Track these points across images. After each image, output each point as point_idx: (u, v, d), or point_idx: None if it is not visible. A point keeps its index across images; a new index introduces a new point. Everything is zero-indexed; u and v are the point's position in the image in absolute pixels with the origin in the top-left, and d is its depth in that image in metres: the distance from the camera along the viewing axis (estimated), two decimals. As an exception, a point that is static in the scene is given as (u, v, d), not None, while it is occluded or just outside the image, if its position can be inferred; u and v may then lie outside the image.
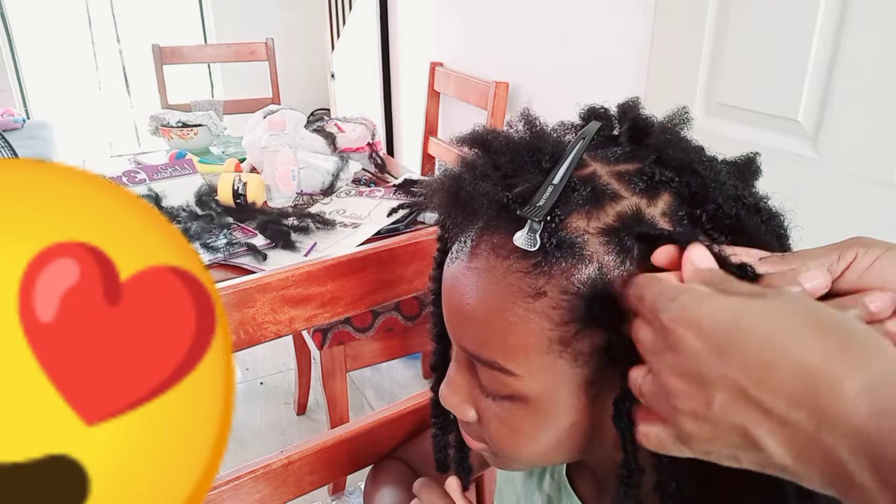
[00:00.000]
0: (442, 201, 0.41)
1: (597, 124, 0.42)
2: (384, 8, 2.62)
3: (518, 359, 0.39)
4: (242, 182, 1.38)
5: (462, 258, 0.41)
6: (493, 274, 0.39)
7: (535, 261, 0.37)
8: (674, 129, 0.41)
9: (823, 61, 1.03)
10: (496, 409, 0.42)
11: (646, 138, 0.41)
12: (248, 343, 0.64)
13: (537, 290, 0.37)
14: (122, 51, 4.13)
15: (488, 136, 0.42)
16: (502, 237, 0.38)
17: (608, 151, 0.40)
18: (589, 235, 0.36)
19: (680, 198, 0.38)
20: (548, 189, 0.37)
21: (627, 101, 0.43)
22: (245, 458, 0.68)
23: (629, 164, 0.39)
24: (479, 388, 0.43)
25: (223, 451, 0.36)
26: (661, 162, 0.39)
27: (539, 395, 0.39)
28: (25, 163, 0.34)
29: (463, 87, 2.07)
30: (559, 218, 0.37)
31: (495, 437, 0.44)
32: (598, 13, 1.57)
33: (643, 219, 0.37)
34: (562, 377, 0.39)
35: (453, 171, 0.41)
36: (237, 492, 0.66)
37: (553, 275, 0.37)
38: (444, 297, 0.43)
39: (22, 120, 2.98)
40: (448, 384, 0.45)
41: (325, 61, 3.48)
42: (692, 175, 0.38)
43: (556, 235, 0.36)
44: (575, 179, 0.38)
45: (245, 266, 1.17)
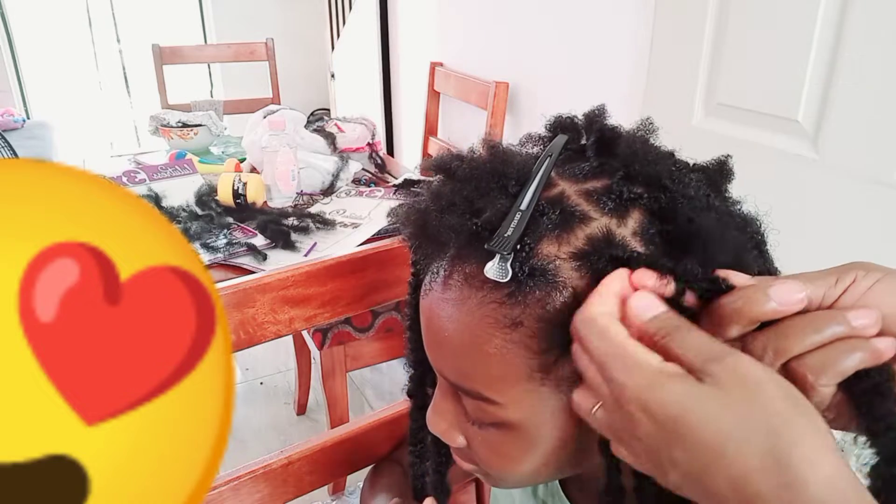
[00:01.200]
0: (410, 234, 0.41)
1: (563, 139, 0.41)
2: (384, 8, 2.62)
3: (500, 388, 0.38)
4: (242, 182, 1.38)
5: (436, 289, 0.40)
6: (467, 305, 0.38)
7: (509, 290, 0.36)
8: (641, 139, 0.41)
9: (823, 61, 1.03)
10: (483, 434, 0.42)
11: (613, 150, 0.40)
12: (248, 343, 0.64)
13: (513, 320, 0.37)
14: (122, 51, 4.13)
15: (452, 163, 0.41)
16: (474, 267, 0.38)
17: (575, 168, 0.40)
18: (560, 261, 0.36)
19: (650, 214, 0.37)
20: (515, 216, 0.36)
21: (593, 110, 0.43)
22: (245, 458, 0.68)
23: (597, 180, 0.39)
24: (464, 414, 0.43)
25: (223, 451, 0.36)
26: (629, 177, 0.38)
27: (523, 422, 0.39)
28: (25, 163, 0.34)
29: (463, 87, 2.07)
30: (529, 246, 0.36)
31: (484, 461, 0.44)
32: (598, 13, 1.57)
33: (613, 241, 0.36)
34: (545, 403, 0.38)
35: (419, 202, 0.41)
36: (237, 492, 0.66)
37: (528, 303, 0.36)
38: (424, 329, 0.43)
39: (22, 120, 2.98)
40: (434, 411, 0.45)
41: (325, 61, 3.48)
42: (661, 190, 0.37)
43: (527, 264, 0.36)
44: (543, 202, 0.37)
45: (245, 266, 1.17)
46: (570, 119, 0.43)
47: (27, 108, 3.63)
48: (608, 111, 0.42)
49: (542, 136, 0.43)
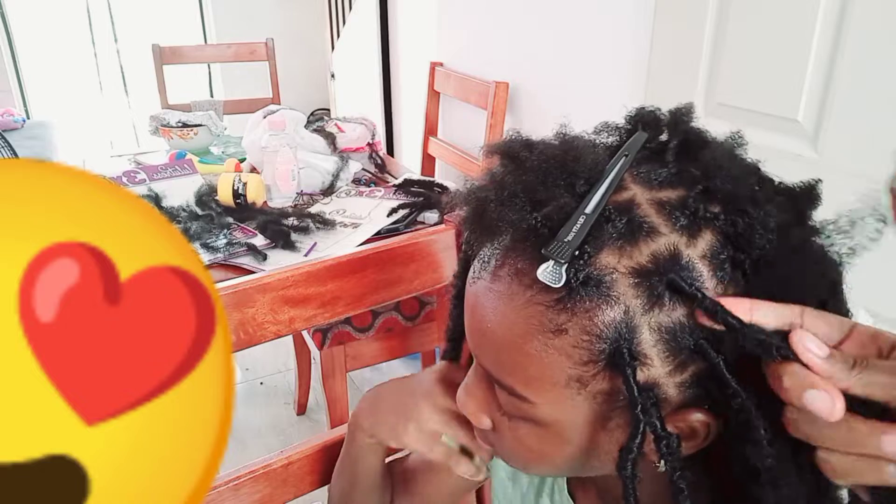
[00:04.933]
0: (466, 217, 0.39)
1: (642, 137, 0.39)
2: (384, 8, 2.62)
3: (536, 389, 0.38)
4: (242, 182, 1.38)
5: (485, 277, 0.39)
6: (514, 301, 0.37)
7: (559, 296, 0.35)
8: (728, 151, 0.38)
9: (823, 61, 1.03)
10: (510, 425, 0.42)
11: (696, 157, 0.37)
12: (248, 343, 0.64)
13: (558, 326, 0.35)
14: (122, 51, 4.13)
15: (520, 150, 0.39)
16: (526, 264, 0.36)
17: (651, 172, 0.37)
18: (618, 274, 0.34)
19: (724, 237, 0.35)
20: (579, 220, 0.34)
21: (681, 108, 0.40)
22: (245, 458, 0.68)
23: (673, 190, 0.36)
24: (495, 403, 0.43)
25: (223, 451, 0.36)
26: (708, 193, 0.36)
27: (554, 424, 0.39)
28: (25, 163, 0.34)
29: (463, 87, 2.07)
30: (588, 254, 0.34)
31: (507, 450, 0.43)
32: (598, 13, 1.57)
33: (680, 261, 0.34)
34: (579, 410, 0.38)
35: (480, 187, 0.39)
36: (237, 492, 0.66)
37: (576, 312, 0.35)
38: (467, 314, 0.42)
39: (22, 120, 2.98)
40: (466, 391, 0.45)
41: (325, 61, 3.48)
42: (739, 214, 0.35)
43: (583, 271, 0.34)
44: (610, 207, 0.35)
45: (245, 266, 1.17)
46: (653, 114, 0.40)
47: (27, 108, 3.62)
48: (694, 110, 0.40)
49: (620, 126, 0.41)
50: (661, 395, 0.35)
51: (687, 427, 0.36)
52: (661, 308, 0.34)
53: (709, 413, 0.36)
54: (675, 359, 0.35)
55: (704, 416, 0.36)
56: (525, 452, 0.42)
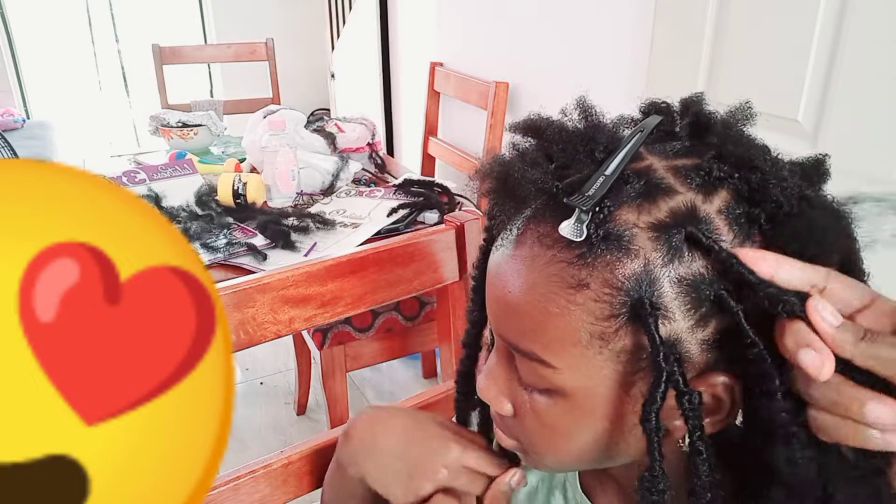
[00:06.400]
0: (490, 187, 0.41)
1: (657, 118, 0.41)
2: (384, 8, 2.62)
3: (557, 351, 0.38)
4: (242, 182, 1.38)
5: (507, 247, 0.40)
6: (536, 263, 0.38)
7: (580, 252, 0.36)
8: (736, 125, 0.40)
9: (823, 61, 1.03)
10: (533, 403, 0.41)
11: (707, 134, 0.39)
12: (248, 343, 0.64)
13: (579, 281, 0.36)
14: (122, 51, 4.13)
15: (542, 123, 0.41)
16: (548, 227, 0.37)
17: (666, 146, 0.39)
18: (638, 229, 0.35)
19: (738, 195, 0.37)
20: (599, 179, 0.36)
21: (691, 97, 0.42)
22: (245, 458, 0.68)
23: (687, 159, 0.38)
24: (517, 380, 0.42)
25: (223, 451, 0.36)
26: (721, 158, 0.37)
27: (577, 391, 0.39)
28: (25, 163, 0.34)
29: (463, 87, 2.07)
30: (608, 209, 0.35)
31: (530, 433, 0.43)
32: (598, 13, 1.57)
33: (697, 215, 0.35)
34: (601, 373, 0.38)
35: (504, 157, 0.41)
36: (237, 492, 0.66)
37: (597, 267, 0.36)
38: (488, 285, 0.43)
39: (22, 120, 2.98)
40: (487, 375, 0.45)
41: (325, 61, 3.48)
42: (752, 171, 0.36)
43: (603, 227, 0.35)
44: (629, 171, 0.37)
45: (245, 266, 1.17)
46: (665, 103, 0.42)
47: (27, 108, 3.62)
48: (705, 99, 0.42)
49: (635, 118, 0.43)
50: (683, 353, 0.36)
51: (710, 394, 0.37)
52: (681, 260, 0.35)
53: (731, 376, 0.37)
54: (696, 312, 0.35)
55: (727, 378, 0.37)
56: (548, 432, 0.41)
